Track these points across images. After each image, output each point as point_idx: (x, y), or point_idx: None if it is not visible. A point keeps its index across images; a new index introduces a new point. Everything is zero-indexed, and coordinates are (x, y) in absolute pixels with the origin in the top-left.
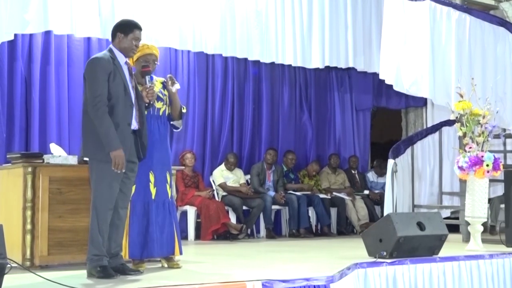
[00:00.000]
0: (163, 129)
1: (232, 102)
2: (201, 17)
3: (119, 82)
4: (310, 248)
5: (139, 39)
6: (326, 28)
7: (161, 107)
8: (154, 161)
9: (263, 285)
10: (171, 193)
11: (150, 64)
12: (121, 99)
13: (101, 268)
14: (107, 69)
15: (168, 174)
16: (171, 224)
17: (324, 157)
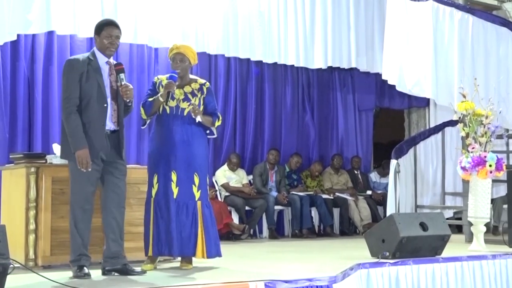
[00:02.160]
0: (189, 129)
1: (235, 102)
2: (203, 17)
3: (93, 83)
4: (313, 248)
5: (112, 35)
6: (329, 28)
7: (186, 108)
8: (177, 161)
9: (266, 285)
10: (201, 195)
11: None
12: (94, 99)
13: (78, 267)
14: (78, 70)
15: (197, 175)
16: (195, 226)
17: (326, 157)
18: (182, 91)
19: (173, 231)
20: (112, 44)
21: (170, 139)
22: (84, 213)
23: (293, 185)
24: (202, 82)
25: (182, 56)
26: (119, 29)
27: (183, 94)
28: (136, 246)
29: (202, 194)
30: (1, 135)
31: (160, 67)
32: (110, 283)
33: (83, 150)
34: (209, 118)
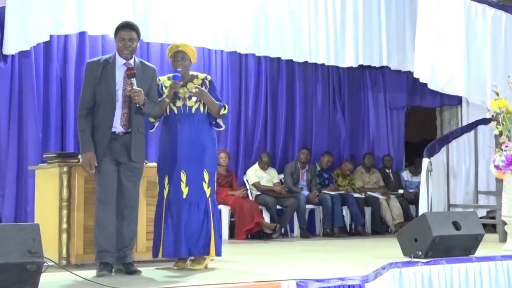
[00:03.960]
0: (196, 127)
1: (266, 101)
2: (234, 17)
3: (105, 86)
4: (344, 247)
5: (125, 38)
6: (360, 26)
7: (193, 105)
8: (186, 160)
9: (298, 285)
10: (211, 192)
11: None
12: (104, 102)
13: (102, 264)
14: (93, 73)
15: (206, 172)
16: (206, 224)
17: (358, 156)
18: (186, 89)
19: (181, 232)
20: (125, 46)
21: (178, 139)
22: (104, 209)
23: (324, 184)
24: (203, 77)
25: (183, 55)
26: (134, 31)
27: (187, 92)
28: None
29: (212, 191)
30: (34, 135)
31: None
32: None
33: (88, 153)
34: (215, 103)
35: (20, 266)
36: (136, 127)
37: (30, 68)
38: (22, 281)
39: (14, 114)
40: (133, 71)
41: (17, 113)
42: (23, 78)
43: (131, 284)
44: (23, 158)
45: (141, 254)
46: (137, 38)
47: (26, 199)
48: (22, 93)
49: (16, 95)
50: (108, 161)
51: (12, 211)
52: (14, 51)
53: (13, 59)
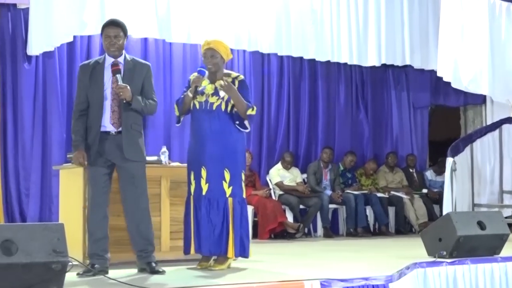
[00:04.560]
0: (216, 124)
1: (288, 101)
2: (256, 17)
3: (95, 86)
4: (368, 247)
5: (110, 35)
6: (382, 25)
7: (215, 102)
8: (206, 157)
9: (322, 284)
10: (233, 192)
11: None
12: (95, 102)
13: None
14: (84, 75)
15: (227, 171)
16: (226, 224)
17: (381, 155)
18: (213, 86)
19: (202, 229)
20: (111, 43)
21: (200, 134)
22: (91, 214)
23: (348, 184)
24: (234, 76)
25: (212, 52)
26: (119, 27)
27: (213, 89)
28: None
29: (235, 190)
30: (58, 135)
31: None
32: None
33: (76, 152)
34: (243, 101)
35: (45, 265)
36: (128, 125)
37: (54, 69)
38: (47, 280)
39: (38, 114)
40: (117, 67)
41: (41, 114)
42: (47, 78)
43: (154, 284)
44: (47, 158)
45: (165, 253)
46: (123, 35)
47: (51, 199)
48: (46, 94)
49: (40, 96)
50: (99, 165)
51: (37, 210)
52: (38, 52)
53: (37, 60)
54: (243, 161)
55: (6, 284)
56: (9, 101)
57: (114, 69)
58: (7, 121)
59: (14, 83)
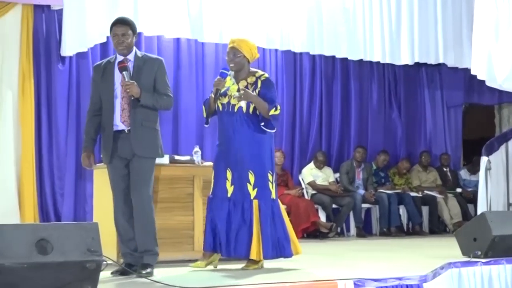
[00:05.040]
0: (238, 126)
1: (320, 100)
2: (288, 16)
3: (105, 86)
4: (402, 247)
5: (117, 34)
6: (415, 23)
7: (236, 104)
8: (230, 159)
9: (355, 284)
10: (258, 193)
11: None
12: (106, 102)
13: (124, 265)
14: (97, 75)
15: (252, 173)
16: (250, 225)
17: (414, 154)
18: (236, 86)
19: (223, 231)
20: (119, 42)
21: (225, 136)
22: (117, 214)
23: (381, 183)
24: (259, 75)
25: (235, 51)
26: (127, 25)
27: (236, 90)
28: None
29: (260, 192)
30: None
31: None
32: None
33: (83, 154)
34: (264, 103)
35: (80, 264)
36: (139, 122)
37: (88, 69)
38: (82, 279)
39: (72, 114)
40: (123, 64)
41: (75, 114)
42: (81, 79)
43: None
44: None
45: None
46: (131, 33)
47: (85, 198)
48: (80, 94)
49: (74, 96)
50: (116, 165)
51: (71, 210)
52: (71, 52)
53: (71, 60)
54: (270, 162)
55: (41, 283)
56: (43, 102)
57: (120, 67)
58: (41, 122)
59: (48, 83)
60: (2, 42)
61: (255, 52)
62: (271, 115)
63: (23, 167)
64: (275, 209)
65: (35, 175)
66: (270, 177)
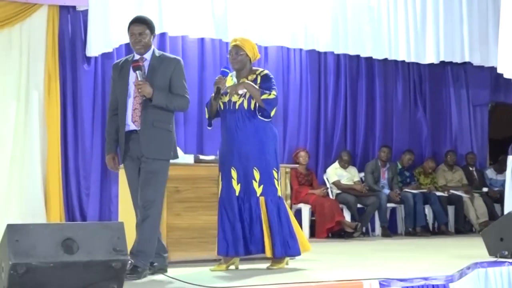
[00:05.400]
0: (240, 124)
1: (345, 99)
2: (312, 15)
3: (121, 85)
4: (427, 246)
5: (134, 33)
6: (441, 21)
7: (237, 101)
8: (235, 157)
9: (380, 284)
10: (264, 190)
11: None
12: (120, 101)
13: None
14: (114, 74)
15: (256, 170)
16: (259, 222)
17: (440, 154)
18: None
19: (238, 230)
20: (136, 41)
21: (227, 135)
22: (135, 209)
23: (406, 183)
24: (259, 72)
25: (237, 49)
26: (145, 24)
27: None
28: None
29: (266, 189)
30: None
31: (270, 66)
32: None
33: (107, 157)
34: (257, 90)
35: (106, 263)
36: (149, 122)
37: None
38: (107, 278)
39: (97, 114)
40: (137, 63)
41: (100, 114)
42: (106, 79)
43: (215, 282)
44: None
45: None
46: (149, 32)
47: (110, 198)
48: (105, 94)
49: (99, 96)
50: (129, 165)
51: (97, 210)
52: (97, 53)
53: (96, 61)
54: (275, 159)
55: (67, 282)
56: (69, 102)
57: (134, 66)
58: (67, 122)
59: (74, 84)
60: (28, 43)
61: (257, 52)
62: (263, 99)
63: (49, 168)
64: (281, 206)
65: (61, 175)
66: (275, 174)
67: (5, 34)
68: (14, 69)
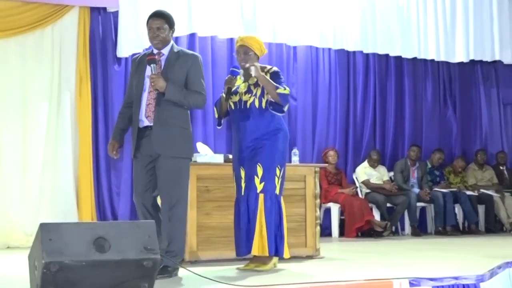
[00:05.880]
0: (251, 123)
1: (374, 98)
2: (341, 14)
3: (137, 79)
4: (457, 246)
5: (152, 27)
6: (470, 20)
7: (248, 100)
8: (243, 156)
9: (410, 283)
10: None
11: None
12: (135, 95)
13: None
14: (132, 68)
15: (260, 166)
16: (253, 219)
17: (470, 153)
18: (246, 84)
19: (239, 230)
20: (154, 36)
21: (238, 135)
22: (137, 203)
23: (436, 182)
24: (267, 69)
25: (245, 48)
26: (163, 19)
27: (246, 87)
28: (291, 242)
29: (267, 186)
30: None
31: (299, 65)
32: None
33: (110, 142)
34: (272, 84)
35: (137, 262)
36: (162, 118)
37: None
38: (139, 277)
39: None
40: (152, 57)
41: None
42: None
43: (244, 280)
44: None
45: None
46: (167, 27)
47: None
48: None
49: None
50: (139, 160)
51: (127, 209)
52: (127, 54)
53: (127, 61)
54: (281, 156)
55: (99, 281)
56: (100, 102)
57: (149, 59)
58: (98, 122)
59: (104, 84)
60: (60, 44)
61: (264, 48)
62: (279, 93)
63: (81, 167)
64: (275, 205)
65: (92, 174)
66: (277, 171)
67: (37, 35)
68: (46, 70)
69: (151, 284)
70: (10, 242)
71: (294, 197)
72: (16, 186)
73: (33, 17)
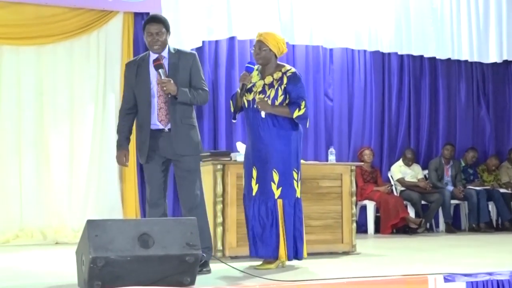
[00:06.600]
0: (263, 124)
1: (409, 98)
2: (376, 16)
3: (141, 84)
4: (491, 243)
5: (151, 32)
6: (504, 21)
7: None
8: (255, 156)
9: (445, 279)
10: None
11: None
12: (142, 100)
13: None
14: (130, 72)
15: (276, 172)
16: (275, 225)
17: (503, 151)
18: (262, 82)
19: (255, 229)
20: (154, 41)
21: (251, 133)
22: (150, 213)
23: (469, 180)
24: (285, 70)
25: (261, 44)
26: (161, 23)
27: (261, 86)
28: (316, 239)
29: (284, 191)
30: None
31: (335, 67)
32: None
33: (118, 152)
34: (284, 109)
35: (180, 258)
36: (177, 120)
37: None
38: (181, 272)
39: None
40: (158, 62)
41: None
42: None
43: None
44: None
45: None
46: (165, 31)
47: None
48: None
49: None
50: (154, 162)
51: (171, 206)
52: None
53: None
54: (296, 159)
55: (143, 275)
56: None
57: (155, 64)
58: None
59: None
60: (105, 48)
61: (282, 46)
62: (296, 117)
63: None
64: (297, 208)
65: (136, 173)
66: (295, 175)
67: (83, 40)
68: (92, 73)
69: (193, 279)
70: (58, 238)
71: (331, 194)
72: (64, 185)
73: (80, 23)
